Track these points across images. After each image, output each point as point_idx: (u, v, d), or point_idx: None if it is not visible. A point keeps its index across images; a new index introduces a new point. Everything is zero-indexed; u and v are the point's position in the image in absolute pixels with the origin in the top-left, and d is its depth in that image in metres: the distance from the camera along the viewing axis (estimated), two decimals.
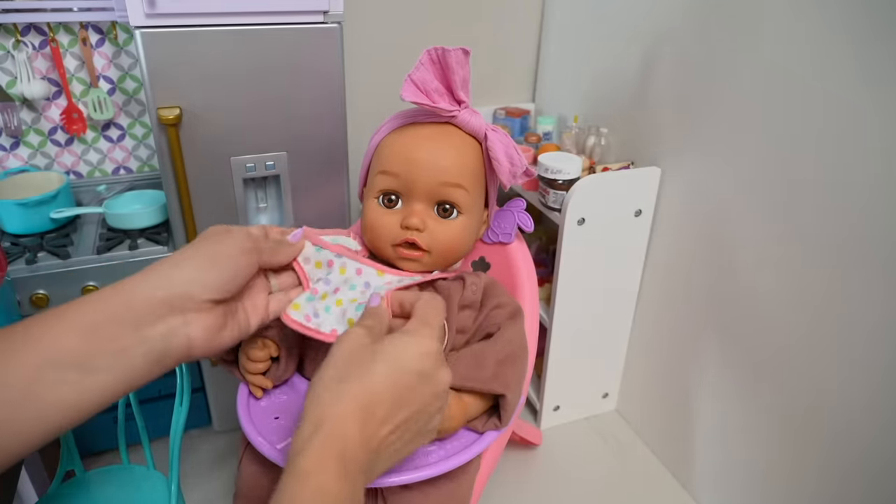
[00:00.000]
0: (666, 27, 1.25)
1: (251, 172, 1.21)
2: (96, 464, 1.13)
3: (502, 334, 0.85)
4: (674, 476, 1.41)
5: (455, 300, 0.88)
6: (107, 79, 1.45)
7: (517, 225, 1.00)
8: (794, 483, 1.10)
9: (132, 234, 1.31)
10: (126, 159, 1.55)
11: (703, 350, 1.28)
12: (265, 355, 0.86)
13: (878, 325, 0.92)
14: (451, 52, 0.80)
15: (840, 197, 0.95)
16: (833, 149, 0.95)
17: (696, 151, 1.22)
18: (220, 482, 1.36)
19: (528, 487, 1.38)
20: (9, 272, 1.11)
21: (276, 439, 0.81)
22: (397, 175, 0.85)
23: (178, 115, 1.10)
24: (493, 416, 0.84)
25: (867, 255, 0.92)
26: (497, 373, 0.81)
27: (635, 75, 1.35)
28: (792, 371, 1.07)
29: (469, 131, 0.88)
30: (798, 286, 1.04)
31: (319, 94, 1.20)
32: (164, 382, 1.37)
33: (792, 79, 1.00)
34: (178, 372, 0.99)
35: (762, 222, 1.09)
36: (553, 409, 1.53)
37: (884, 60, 0.86)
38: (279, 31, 1.13)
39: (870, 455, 0.96)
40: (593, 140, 1.44)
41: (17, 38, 1.34)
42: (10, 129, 1.41)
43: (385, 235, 0.88)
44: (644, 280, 1.43)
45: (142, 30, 1.05)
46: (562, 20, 1.64)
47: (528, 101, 1.83)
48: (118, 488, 1.02)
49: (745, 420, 1.19)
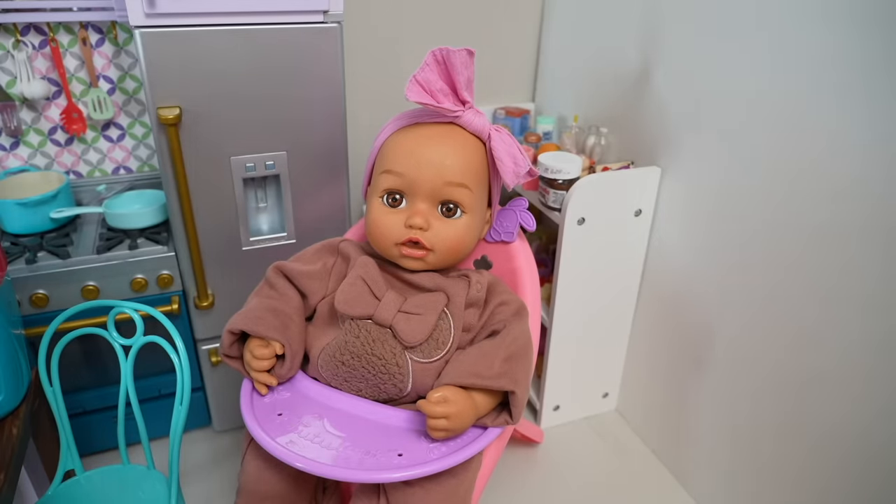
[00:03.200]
0: (666, 27, 1.26)
1: (251, 172, 1.21)
2: (96, 464, 1.12)
3: (509, 332, 0.86)
4: (674, 476, 1.41)
5: (460, 298, 0.88)
6: (107, 78, 1.45)
7: (519, 224, 1.01)
8: (793, 483, 1.10)
9: (132, 233, 1.30)
10: (126, 159, 1.55)
11: (702, 350, 1.28)
12: (270, 353, 0.86)
13: (879, 325, 0.92)
14: (455, 53, 0.81)
15: (840, 196, 0.95)
16: (833, 148, 0.95)
17: (696, 151, 1.22)
18: (220, 482, 1.36)
19: (528, 487, 1.38)
20: (9, 272, 1.10)
21: (278, 435, 0.81)
22: (401, 174, 0.86)
23: (178, 114, 1.10)
24: (501, 412, 0.84)
25: (868, 254, 0.92)
26: (505, 370, 0.81)
27: (635, 75, 1.36)
28: (792, 371, 1.08)
29: (473, 131, 0.88)
30: (798, 286, 1.04)
31: (319, 93, 1.20)
32: (164, 382, 1.38)
33: (792, 79, 1.00)
34: (178, 372, 0.99)
35: (762, 222, 1.09)
36: (553, 408, 1.53)
37: (883, 60, 0.87)
38: (279, 31, 1.13)
39: (869, 455, 0.96)
40: (593, 140, 1.44)
41: (17, 38, 1.34)
42: (10, 129, 1.41)
43: (389, 234, 0.88)
44: (644, 280, 1.44)
45: (142, 29, 1.05)
46: (561, 20, 1.64)
47: (528, 100, 1.83)
48: (118, 488, 1.01)
49: (745, 420, 1.19)
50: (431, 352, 0.86)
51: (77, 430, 1.12)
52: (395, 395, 0.88)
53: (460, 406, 0.78)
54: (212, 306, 1.30)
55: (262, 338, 0.86)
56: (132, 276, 1.25)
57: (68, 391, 1.11)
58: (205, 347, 1.37)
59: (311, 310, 0.96)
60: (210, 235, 1.24)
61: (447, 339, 0.87)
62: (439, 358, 0.86)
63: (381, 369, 0.85)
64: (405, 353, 0.86)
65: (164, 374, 1.37)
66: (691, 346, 1.31)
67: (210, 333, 1.36)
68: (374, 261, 0.91)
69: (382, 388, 0.87)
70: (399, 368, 0.85)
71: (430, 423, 0.78)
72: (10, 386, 0.92)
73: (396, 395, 0.88)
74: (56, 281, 1.20)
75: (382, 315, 0.85)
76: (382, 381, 0.86)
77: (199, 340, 1.36)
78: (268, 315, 0.87)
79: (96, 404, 1.34)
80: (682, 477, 1.39)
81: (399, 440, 0.81)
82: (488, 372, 0.80)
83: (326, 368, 0.88)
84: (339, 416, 0.85)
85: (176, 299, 1.28)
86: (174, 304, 1.28)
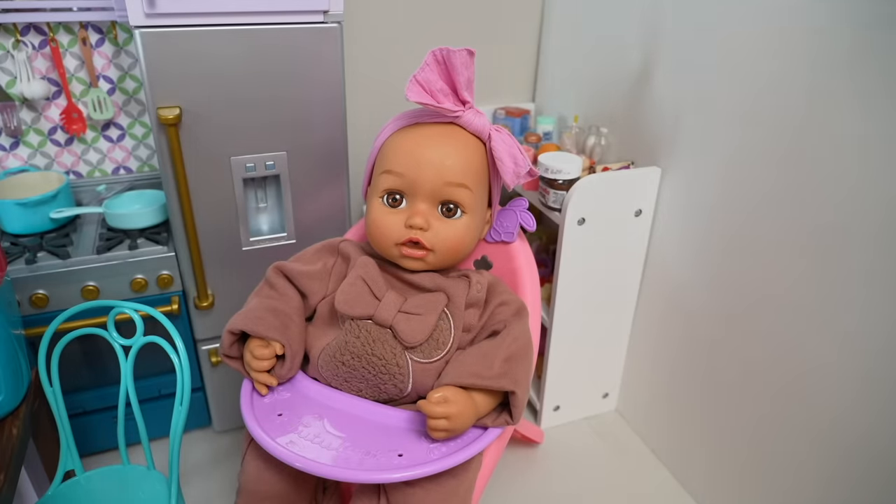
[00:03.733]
0: (666, 27, 1.26)
1: (251, 172, 1.21)
2: (96, 464, 1.13)
3: (509, 332, 0.86)
4: (674, 476, 1.41)
5: (460, 299, 0.88)
6: (107, 78, 1.45)
7: (519, 224, 1.01)
8: (793, 482, 1.10)
9: (132, 234, 1.30)
10: (126, 159, 1.55)
11: (702, 350, 1.28)
12: (270, 353, 0.86)
13: (879, 323, 0.92)
14: (456, 53, 0.81)
15: (840, 196, 0.95)
16: (832, 148, 0.95)
17: (696, 151, 1.22)
18: (220, 482, 1.36)
19: (528, 487, 1.38)
20: (8, 272, 1.10)
21: (278, 435, 0.81)
22: (401, 175, 0.86)
23: (178, 114, 1.10)
24: (502, 412, 0.84)
25: (868, 252, 0.92)
26: (506, 370, 0.81)
27: (635, 75, 1.36)
28: (792, 371, 1.08)
29: (473, 131, 0.88)
30: (798, 285, 1.04)
31: (319, 93, 1.20)
32: (165, 382, 1.38)
33: (792, 78, 1.00)
34: (178, 372, 0.99)
35: (762, 222, 1.09)
36: (553, 409, 1.53)
37: (882, 60, 0.87)
38: (279, 31, 1.13)
39: (870, 454, 0.96)
40: (593, 140, 1.44)
41: (17, 38, 1.34)
42: (10, 129, 1.40)
43: (389, 234, 0.88)
44: (644, 280, 1.44)
45: (141, 29, 1.05)
46: (561, 20, 1.64)
47: (528, 101, 1.83)
48: (118, 488, 1.01)
49: (745, 420, 1.19)
50: (431, 352, 0.86)
51: (77, 430, 1.12)
52: (395, 396, 0.88)
53: (460, 406, 0.78)
54: (212, 306, 1.30)
55: (262, 338, 0.87)
56: (132, 277, 1.25)
57: (68, 391, 1.11)
58: (205, 348, 1.37)
59: (311, 310, 0.96)
60: (210, 235, 1.24)
61: (447, 339, 0.87)
62: (439, 358, 0.86)
63: (382, 369, 0.85)
64: (405, 353, 0.86)
65: (164, 375, 1.37)
66: (691, 345, 1.31)
67: (210, 333, 1.36)
68: (374, 261, 0.91)
69: (382, 389, 0.87)
70: (399, 369, 0.85)
71: (430, 423, 0.78)
72: (9, 386, 0.92)
73: (397, 395, 0.88)
74: (56, 281, 1.20)
75: (382, 315, 0.85)
76: (382, 381, 0.86)
77: (199, 341, 1.36)
78: (268, 315, 0.87)
79: (96, 404, 1.34)
80: (682, 477, 1.39)
81: (399, 440, 0.81)
82: (488, 372, 0.80)
83: (326, 369, 0.88)
84: (339, 417, 0.85)
85: (176, 299, 1.28)
86: (174, 304, 1.28)
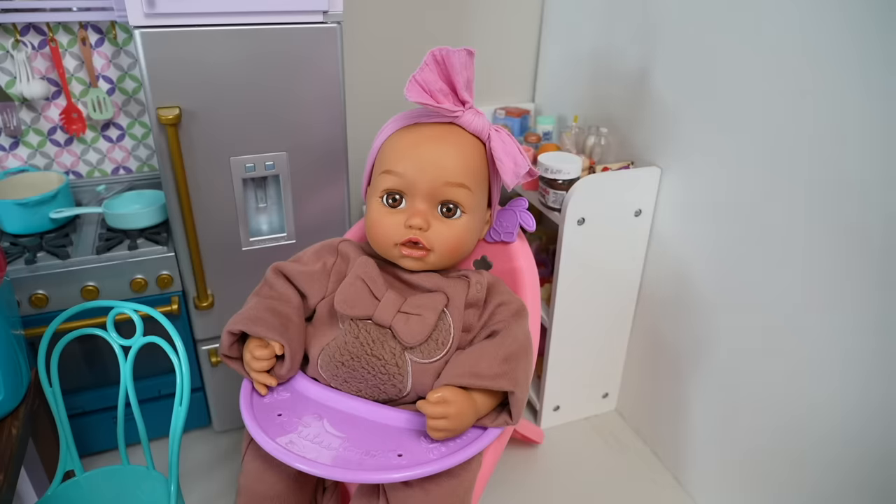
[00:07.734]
0: (666, 27, 1.26)
1: (251, 172, 1.21)
2: (96, 464, 1.13)
3: (508, 332, 0.86)
4: (674, 476, 1.41)
5: (460, 299, 0.88)
6: (106, 79, 1.45)
7: (519, 224, 1.01)
8: (792, 482, 1.10)
9: (132, 234, 1.30)
10: (125, 159, 1.55)
11: (702, 350, 1.28)
12: (269, 353, 0.86)
13: (879, 324, 0.92)
14: (455, 53, 0.81)
15: (838, 195, 0.95)
16: (831, 147, 0.95)
17: (695, 151, 1.22)
18: (220, 482, 1.36)
19: (528, 487, 1.38)
20: (8, 272, 1.10)
21: (277, 436, 0.81)
22: (401, 175, 0.85)
23: (178, 114, 1.10)
24: (501, 413, 0.84)
25: (866, 252, 0.92)
26: (505, 370, 0.81)
27: (635, 75, 1.36)
28: (792, 370, 1.08)
29: (473, 131, 0.88)
30: (798, 285, 1.04)
31: (319, 93, 1.20)
32: (164, 382, 1.38)
33: (793, 78, 1.00)
34: (177, 372, 0.99)
35: (762, 222, 1.09)
36: (553, 409, 1.53)
37: (881, 60, 0.87)
38: (279, 31, 1.13)
39: (868, 454, 0.96)
40: (593, 140, 1.44)
41: (17, 38, 1.34)
42: (10, 129, 1.40)
43: (388, 235, 0.88)
44: (644, 280, 1.44)
45: (141, 30, 1.05)
46: (561, 20, 1.64)
47: (528, 101, 1.83)
48: (118, 488, 1.01)
49: (745, 420, 1.19)
50: (431, 352, 0.86)
51: (77, 430, 1.12)
52: (394, 396, 0.88)
53: (460, 406, 0.78)
54: (211, 307, 1.30)
55: (261, 338, 0.87)
56: (132, 277, 1.25)
57: (68, 391, 1.11)
58: (204, 348, 1.37)
59: (310, 310, 0.96)
60: (210, 236, 1.24)
61: (447, 339, 0.87)
62: (439, 358, 0.86)
63: (381, 370, 0.85)
64: (405, 353, 0.86)
65: (163, 375, 1.37)
66: (691, 345, 1.31)
67: (210, 334, 1.36)
68: (373, 261, 0.91)
69: (382, 389, 0.87)
70: (399, 369, 0.85)
71: (429, 423, 0.78)
72: (9, 386, 0.92)
73: (396, 395, 0.88)
74: (55, 281, 1.20)
75: (382, 315, 0.85)
76: (382, 381, 0.86)
77: (199, 341, 1.36)
78: (267, 315, 0.87)
79: (96, 405, 1.34)
80: (682, 477, 1.39)
81: (399, 440, 0.81)
82: (488, 372, 0.80)
83: (326, 369, 0.88)
84: (338, 417, 0.85)
85: (175, 300, 1.28)
86: (174, 304, 1.28)
